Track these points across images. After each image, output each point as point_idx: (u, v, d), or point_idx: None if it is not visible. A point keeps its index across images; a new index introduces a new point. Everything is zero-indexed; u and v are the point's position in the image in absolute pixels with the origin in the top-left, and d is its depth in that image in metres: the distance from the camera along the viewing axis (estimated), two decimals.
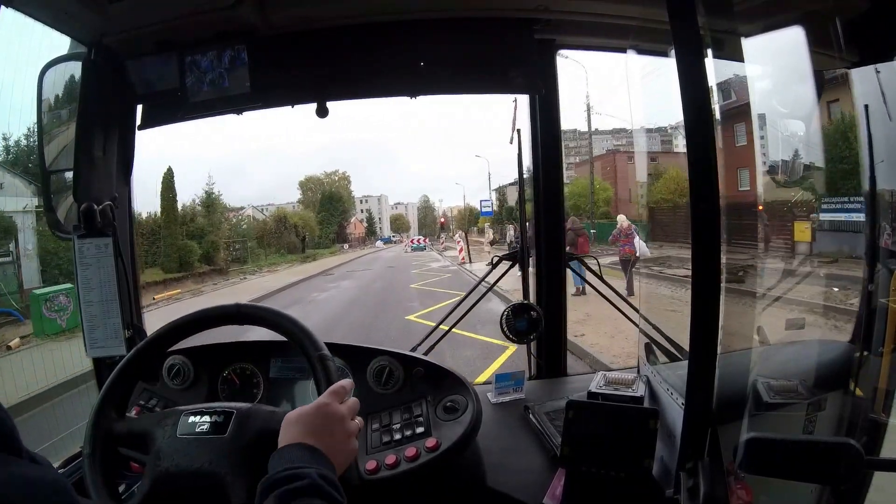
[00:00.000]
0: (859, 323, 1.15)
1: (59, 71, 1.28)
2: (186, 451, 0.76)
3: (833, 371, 1.07)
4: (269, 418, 0.78)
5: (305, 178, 48.58)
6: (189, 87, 1.28)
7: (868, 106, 1.07)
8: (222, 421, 0.78)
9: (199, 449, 0.76)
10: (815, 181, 1.25)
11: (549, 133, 1.52)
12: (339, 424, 0.68)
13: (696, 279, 0.76)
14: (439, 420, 1.10)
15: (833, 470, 0.73)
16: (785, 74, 1.10)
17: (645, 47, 1.25)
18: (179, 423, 0.79)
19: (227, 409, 0.80)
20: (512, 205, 35.82)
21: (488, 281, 1.67)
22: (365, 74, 1.34)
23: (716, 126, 0.75)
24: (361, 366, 1.22)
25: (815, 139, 1.15)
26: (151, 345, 0.90)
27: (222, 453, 0.75)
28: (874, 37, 1.04)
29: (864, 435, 1.00)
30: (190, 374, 1.27)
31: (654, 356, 1.27)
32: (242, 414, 0.79)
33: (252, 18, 1.22)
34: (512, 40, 1.33)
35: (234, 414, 0.78)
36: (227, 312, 0.89)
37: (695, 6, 0.73)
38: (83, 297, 1.29)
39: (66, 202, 1.32)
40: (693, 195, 0.75)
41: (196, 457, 0.75)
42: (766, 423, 0.88)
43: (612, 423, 0.95)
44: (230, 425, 0.77)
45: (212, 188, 27.65)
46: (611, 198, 28.81)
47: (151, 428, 0.81)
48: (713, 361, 0.78)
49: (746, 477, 0.83)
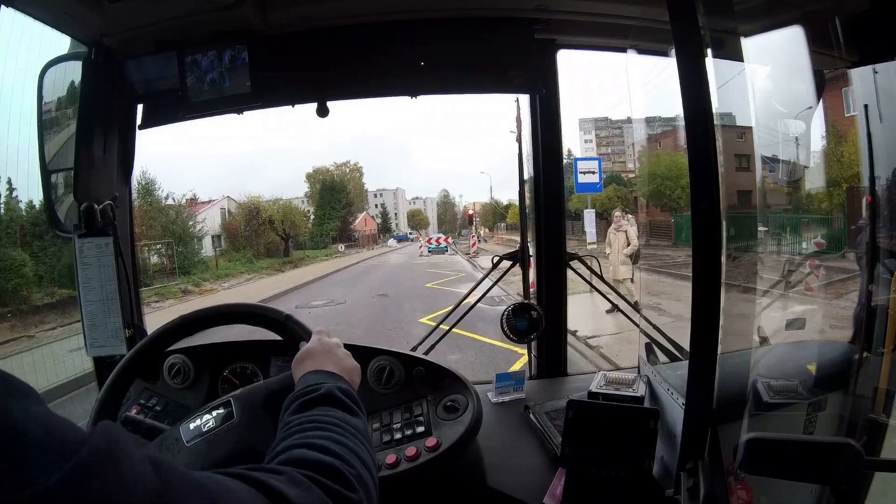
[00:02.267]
0: (859, 323, 1.15)
1: (59, 70, 1.28)
2: (205, 454, 0.73)
3: (833, 371, 1.07)
4: (268, 385, 0.80)
5: (313, 169, 42.94)
6: (189, 86, 1.29)
7: (868, 106, 1.07)
8: (225, 412, 0.77)
9: (215, 444, 0.74)
10: (814, 180, 1.25)
11: (549, 133, 1.52)
12: (337, 349, 0.79)
13: (696, 279, 0.77)
14: (440, 420, 1.10)
15: (833, 470, 0.73)
16: (785, 74, 1.10)
17: (645, 47, 1.26)
18: (182, 434, 0.76)
19: (222, 400, 0.79)
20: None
21: (488, 281, 1.66)
22: (365, 74, 1.34)
23: (716, 126, 0.75)
24: (362, 365, 1.22)
25: (815, 139, 1.15)
26: (153, 343, 0.90)
27: (242, 433, 0.74)
28: (874, 37, 1.04)
29: (864, 435, 1.00)
30: (190, 374, 1.27)
31: (654, 356, 1.28)
32: (240, 395, 0.79)
33: (252, 18, 1.22)
34: (512, 40, 1.33)
35: (232, 400, 0.78)
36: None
37: (695, 6, 0.73)
38: (83, 296, 1.29)
39: (67, 201, 1.32)
40: (693, 195, 0.75)
41: (216, 452, 0.73)
42: (766, 423, 0.88)
43: (613, 423, 0.95)
44: (235, 410, 0.77)
45: (147, 177, 18.99)
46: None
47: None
48: (713, 361, 0.78)
49: (746, 477, 0.83)
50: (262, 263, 23.01)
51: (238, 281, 18.03)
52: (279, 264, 23.25)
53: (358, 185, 45.80)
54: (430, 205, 61.75)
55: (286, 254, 26.55)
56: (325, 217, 37.09)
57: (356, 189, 44.59)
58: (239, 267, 21.27)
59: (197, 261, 20.08)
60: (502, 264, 1.63)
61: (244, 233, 25.84)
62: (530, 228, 1.61)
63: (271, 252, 26.01)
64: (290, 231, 27.82)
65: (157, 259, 17.60)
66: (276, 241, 26.85)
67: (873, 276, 1.12)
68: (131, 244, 1.45)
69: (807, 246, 1.44)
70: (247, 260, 23.04)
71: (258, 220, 26.45)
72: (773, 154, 1.10)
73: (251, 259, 23.38)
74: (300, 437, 0.57)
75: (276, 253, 26.07)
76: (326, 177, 41.48)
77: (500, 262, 1.64)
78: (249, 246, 25.10)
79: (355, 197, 42.86)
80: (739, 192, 0.88)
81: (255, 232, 26.09)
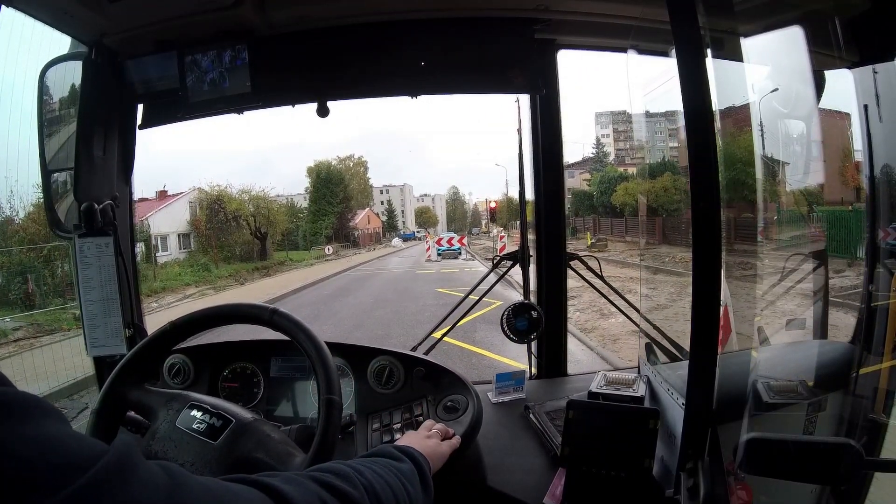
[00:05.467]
0: (859, 323, 1.15)
1: (59, 70, 1.28)
2: (178, 444, 0.77)
3: (833, 371, 1.07)
4: (262, 443, 0.78)
5: (315, 163, 37.36)
6: (189, 86, 1.29)
7: (867, 106, 1.07)
8: (219, 426, 0.78)
9: (188, 446, 0.77)
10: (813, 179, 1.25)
11: (549, 133, 1.52)
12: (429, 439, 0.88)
13: (696, 279, 0.77)
14: (440, 420, 1.10)
15: (833, 470, 0.73)
16: (785, 74, 1.10)
17: (645, 47, 1.26)
18: (182, 413, 0.80)
19: (227, 415, 0.80)
20: (583, 188, 32.16)
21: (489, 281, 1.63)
22: (365, 74, 1.34)
23: (716, 125, 0.75)
24: (362, 365, 1.22)
25: (815, 138, 1.15)
26: (189, 323, 0.90)
27: (206, 460, 0.75)
28: (874, 37, 1.04)
29: (864, 435, 1.00)
30: (190, 373, 1.27)
31: (654, 356, 1.28)
32: (239, 426, 0.79)
33: (252, 18, 1.22)
34: (512, 40, 1.33)
35: (232, 424, 0.78)
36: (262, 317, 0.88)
37: (695, 6, 0.73)
38: (84, 296, 1.29)
39: (67, 201, 1.32)
40: (693, 195, 0.75)
41: (184, 453, 0.76)
42: (766, 423, 0.88)
43: (613, 423, 0.95)
44: (224, 434, 0.77)
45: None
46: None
47: (158, 407, 0.82)
48: (713, 361, 0.78)
49: (746, 477, 0.83)
50: (223, 271, 17.98)
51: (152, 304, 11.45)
52: (248, 271, 18.52)
53: (362, 180, 42.65)
54: (439, 202, 59.71)
55: (262, 256, 22.17)
56: (320, 213, 32.89)
57: (360, 184, 41.67)
58: (188, 277, 16.21)
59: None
60: (502, 264, 1.63)
61: (206, 231, 21.49)
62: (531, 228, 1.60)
63: (246, 255, 21.53)
64: (264, 228, 22.92)
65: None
66: (253, 242, 22.50)
67: (873, 276, 1.12)
68: (131, 244, 1.45)
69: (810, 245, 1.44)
70: (201, 266, 17.82)
71: (224, 214, 21.70)
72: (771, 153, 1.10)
73: (207, 265, 18.17)
74: (347, 461, 0.61)
75: (250, 256, 21.65)
76: (325, 169, 36.48)
77: (500, 261, 1.64)
78: (214, 247, 20.53)
79: (357, 192, 39.79)
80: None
81: (219, 229, 21.48)
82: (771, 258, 1.34)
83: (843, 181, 1.91)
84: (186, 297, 13.58)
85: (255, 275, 18.26)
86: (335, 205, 33.68)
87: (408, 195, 56.15)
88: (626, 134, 41.26)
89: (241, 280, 17.01)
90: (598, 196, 30.17)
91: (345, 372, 1.23)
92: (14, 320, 8.63)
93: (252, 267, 19.70)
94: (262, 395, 1.27)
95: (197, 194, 23.22)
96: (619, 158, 40.60)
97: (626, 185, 27.39)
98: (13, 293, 10.24)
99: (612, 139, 43.40)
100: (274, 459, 0.76)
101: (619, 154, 41.83)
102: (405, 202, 55.15)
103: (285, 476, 0.50)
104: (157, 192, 23.32)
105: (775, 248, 1.33)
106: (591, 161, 39.95)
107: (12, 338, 7.85)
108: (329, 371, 0.81)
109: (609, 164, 37.59)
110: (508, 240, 16.29)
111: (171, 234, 20.78)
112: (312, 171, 36.43)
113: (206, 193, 22.91)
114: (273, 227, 23.76)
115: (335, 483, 0.52)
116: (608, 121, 43.59)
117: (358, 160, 43.17)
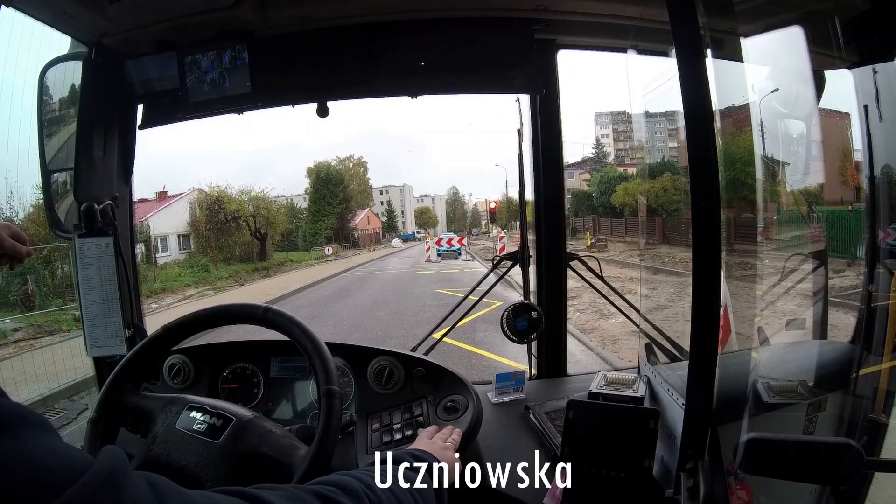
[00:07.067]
0: (859, 323, 1.15)
1: (59, 70, 1.28)
2: (179, 445, 0.77)
3: (833, 371, 1.07)
4: (265, 439, 0.78)
5: (315, 164, 37.40)
6: (189, 86, 1.29)
7: (867, 106, 1.07)
8: (220, 425, 0.78)
9: (190, 447, 0.76)
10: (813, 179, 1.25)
11: (549, 133, 1.52)
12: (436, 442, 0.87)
13: (696, 279, 0.77)
14: (440, 420, 1.10)
15: (833, 470, 0.73)
16: (785, 74, 1.10)
17: (645, 47, 1.25)
18: (181, 415, 0.80)
19: (227, 414, 0.80)
20: (582, 188, 31.94)
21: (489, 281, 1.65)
22: (365, 74, 1.34)
23: (716, 125, 0.75)
24: (362, 365, 1.22)
25: (815, 138, 1.15)
26: (182, 326, 0.90)
27: (210, 460, 0.75)
28: (874, 37, 1.04)
29: (864, 435, 1.00)
30: (190, 374, 1.27)
31: (654, 356, 1.27)
32: (240, 423, 0.79)
33: (252, 18, 1.22)
34: (512, 40, 1.33)
35: (233, 422, 0.78)
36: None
37: (695, 6, 0.73)
38: (84, 296, 1.29)
39: (67, 201, 1.32)
40: (693, 195, 0.75)
41: (186, 454, 0.76)
42: (766, 423, 0.88)
43: (613, 424, 0.95)
44: (225, 432, 0.77)
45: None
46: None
47: (156, 411, 0.82)
48: (713, 361, 0.78)
49: (746, 477, 0.83)
50: (223, 271, 18.16)
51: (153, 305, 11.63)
52: (248, 272, 18.60)
53: (362, 181, 42.29)
54: (439, 203, 59.48)
55: (262, 257, 22.31)
56: (320, 213, 32.94)
57: (360, 185, 41.33)
58: (188, 278, 16.37)
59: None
60: (502, 264, 1.63)
61: (205, 232, 21.70)
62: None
63: (247, 255, 21.73)
64: (264, 229, 23.06)
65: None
66: (253, 243, 22.65)
67: (873, 276, 1.12)
68: (131, 244, 1.45)
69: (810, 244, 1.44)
70: (201, 267, 18.11)
71: (223, 215, 21.90)
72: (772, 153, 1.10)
73: (207, 266, 18.36)
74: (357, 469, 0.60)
75: (249, 257, 21.84)
76: (324, 170, 36.51)
77: (499, 262, 1.64)
78: (214, 248, 20.77)
79: (357, 192, 39.58)
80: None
81: (218, 230, 21.71)
82: (771, 258, 1.35)
83: (843, 181, 1.91)
84: (186, 297, 13.61)
85: (255, 275, 18.38)
86: (335, 205, 33.85)
87: (407, 196, 56.12)
88: (626, 134, 41.29)
89: (240, 281, 17.10)
90: (598, 196, 30.23)
91: (345, 372, 1.23)
92: (14, 321, 8.66)
93: (252, 268, 19.80)
94: (261, 395, 1.27)
95: (196, 195, 23.43)
96: (618, 158, 40.66)
97: (626, 185, 27.51)
98: (13, 294, 10.27)
99: (611, 139, 43.46)
100: (278, 453, 0.76)
101: (618, 154, 41.87)
102: (405, 203, 55.15)
103: (285, 492, 0.48)
104: (156, 193, 23.30)
105: (775, 249, 1.33)
106: (591, 161, 40.04)
107: (12, 339, 7.88)
108: (326, 363, 0.81)
109: (609, 165, 37.68)
110: (508, 240, 16.34)
111: (170, 235, 20.91)
112: (312, 171, 36.47)
113: (206, 194, 23.17)
114: (273, 227, 23.95)
115: (340, 500, 0.50)
116: (608, 121, 43.64)
117: (358, 160, 43.15)
